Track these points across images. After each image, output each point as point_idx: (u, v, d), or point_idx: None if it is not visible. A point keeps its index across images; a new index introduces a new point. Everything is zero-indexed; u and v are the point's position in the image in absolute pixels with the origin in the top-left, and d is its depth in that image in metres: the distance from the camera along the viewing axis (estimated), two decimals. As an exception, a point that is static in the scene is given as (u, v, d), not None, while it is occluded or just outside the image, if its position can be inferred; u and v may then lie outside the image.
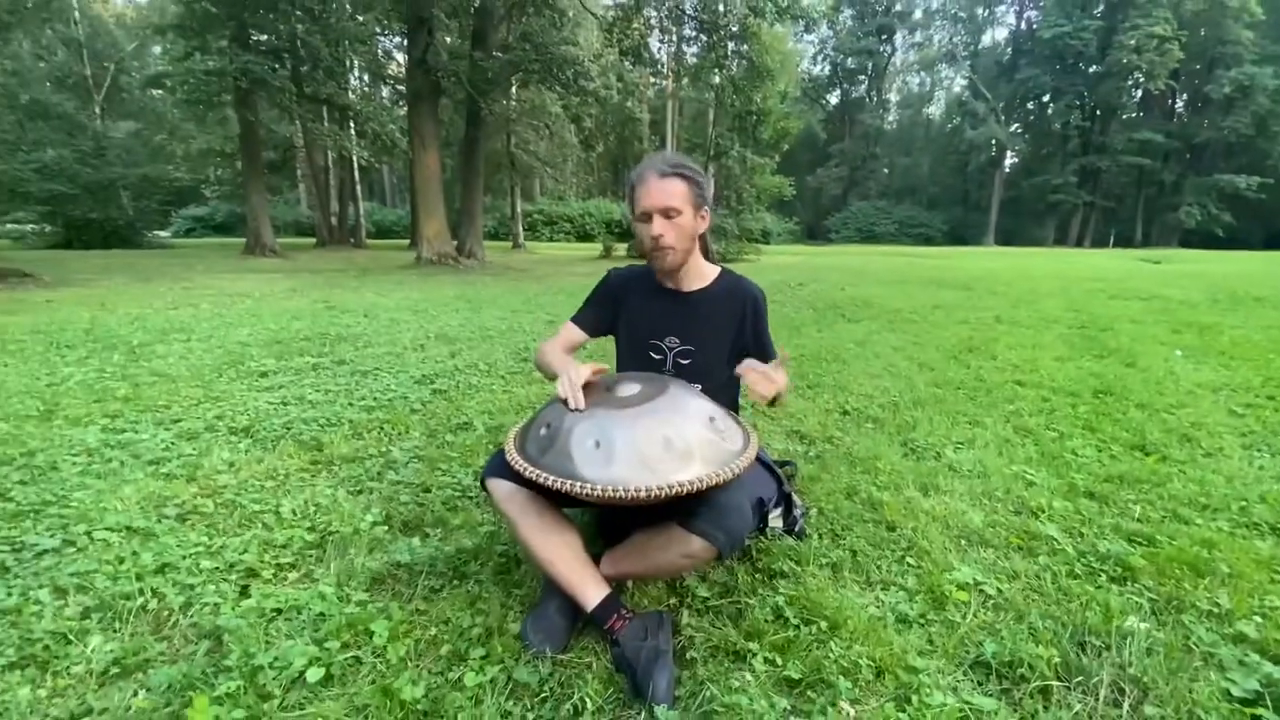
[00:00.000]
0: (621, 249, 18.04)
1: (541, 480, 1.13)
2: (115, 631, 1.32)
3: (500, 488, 1.29)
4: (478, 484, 1.49)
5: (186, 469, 2.18)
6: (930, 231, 43.64)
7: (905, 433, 2.59)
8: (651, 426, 1.16)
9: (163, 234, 28.81)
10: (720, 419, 1.26)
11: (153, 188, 25.10)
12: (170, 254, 17.69)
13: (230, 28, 14.81)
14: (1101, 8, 38.30)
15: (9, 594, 1.40)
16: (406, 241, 23.47)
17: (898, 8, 48.58)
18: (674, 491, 1.08)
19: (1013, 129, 44.02)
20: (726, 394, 1.62)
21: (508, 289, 9.35)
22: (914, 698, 1.08)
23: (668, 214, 1.45)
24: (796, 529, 1.65)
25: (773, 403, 1.34)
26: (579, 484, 1.09)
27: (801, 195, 44.73)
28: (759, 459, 1.70)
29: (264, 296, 8.14)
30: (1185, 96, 41.17)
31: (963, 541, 1.69)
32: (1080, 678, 1.15)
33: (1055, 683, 1.14)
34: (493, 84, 13.65)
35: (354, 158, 22.60)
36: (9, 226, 22.22)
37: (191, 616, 1.36)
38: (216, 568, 1.55)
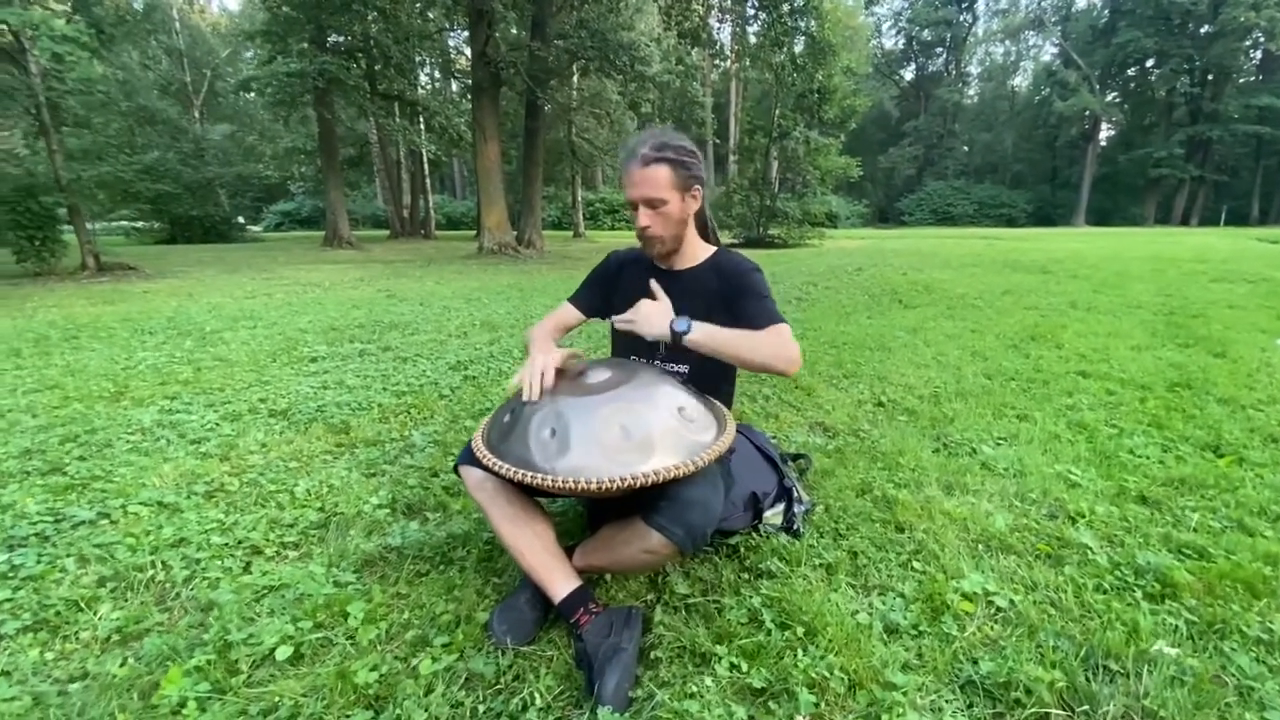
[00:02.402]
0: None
1: (496, 468, 1.11)
2: (125, 600, 1.40)
3: (471, 475, 1.27)
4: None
5: (222, 449, 2.30)
6: (1013, 212, 40.92)
7: (940, 426, 2.42)
8: (610, 415, 1.11)
9: (255, 228, 30.96)
10: (692, 408, 1.20)
11: (245, 186, 27.05)
12: (259, 247, 18.93)
13: (309, 30, 15.59)
14: (1216, -40, 34.52)
15: (39, 561, 1.52)
16: (473, 232, 24.16)
17: (981, -27, 45.50)
18: (627, 484, 1.03)
19: (1109, 98, 40.42)
20: (724, 380, 1.54)
21: (561, 277, 9.45)
22: (884, 717, 1.00)
23: (652, 204, 1.39)
24: (794, 527, 1.56)
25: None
26: (531, 473, 1.06)
27: (872, 176, 42.95)
28: (760, 450, 1.63)
29: (333, 286, 8.57)
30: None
31: (980, 547, 1.55)
32: (1085, 707, 1.03)
33: (1055, 711, 1.02)
34: (551, 74, 13.75)
35: (423, 152, 23.40)
36: (123, 224, 24.50)
37: (192, 589, 1.43)
38: (226, 543, 1.62)
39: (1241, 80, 36.62)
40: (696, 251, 1.52)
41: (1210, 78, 36.72)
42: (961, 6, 46.29)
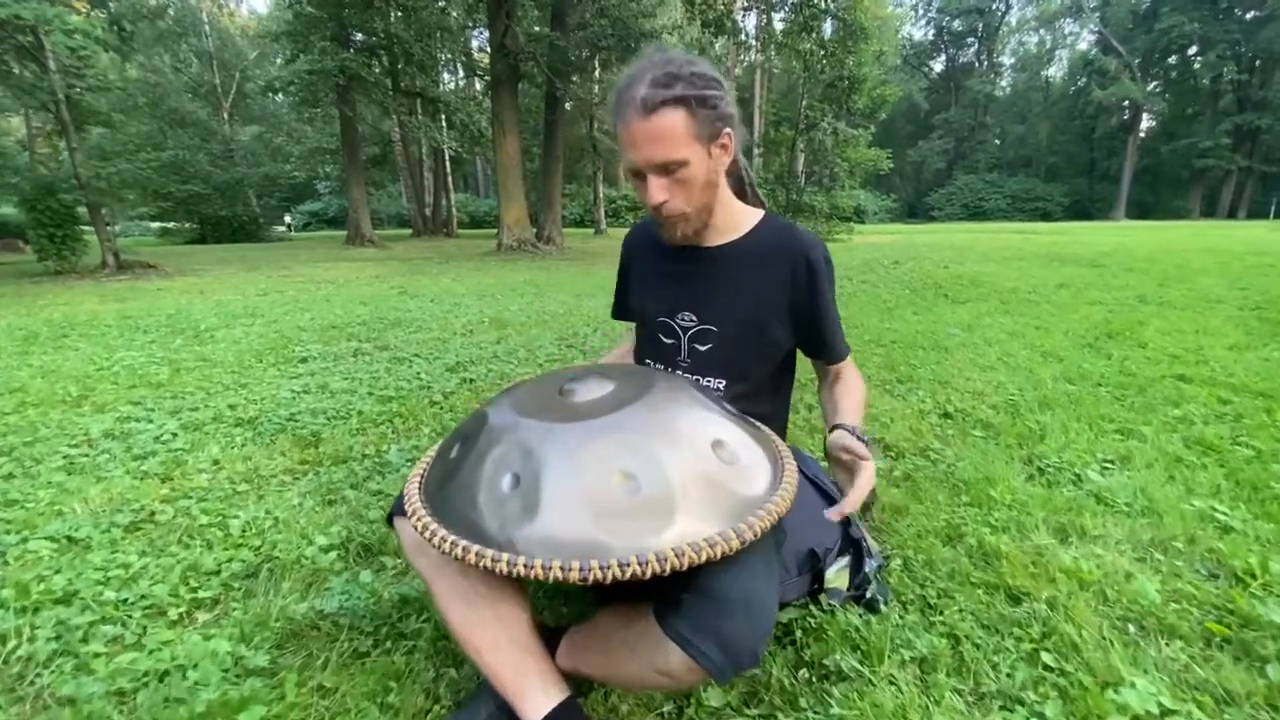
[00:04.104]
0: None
1: (429, 536, 0.71)
2: (-31, 686, 1.05)
3: (407, 533, 0.89)
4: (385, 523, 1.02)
5: (166, 466, 1.96)
6: (1048, 206, 39.53)
7: (1029, 445, 1.97)
8: (607, 453, 0.71)
9: (283, 228, 31.23)
10: (735, 442, 0.79)
11: (273, 186, 27.28)
12: (282, 246, 18.97)
13: (330, 27, 15.50)
14: (1266, -61, 32.83)
15: (-126, 626, 1.17)
16: (496, 231, 23.92)
17: (1014, -41, 44.06)
18: (631, 571, 0.63)
19: (1150, 87, 38.75)
20: (767, 401, 1.13)
21: (579, 273, 9.10)
22: None
23: (667, 169, 0.93)
24: (869, 595, 1.15)
25: (864, 511, 0.87)
26: (479, 549, 0.67)
27: (901, 171, 41.96)
28: (815, 484, 1.22)
29: (347, 282, 8.34)
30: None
31: (1130, 627, 1.12)
32: None
33: None
34: (571, 66, 13.40)
35: (445, 150, 23.25)
36: (155, 225, 24.90)
37: (52, 673, 1.07)
38: (124, 600, 1.26)
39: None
40: (736, 219, 1.10)
41: (1258, 64, 35.00)
42: (994, -5, 44.91)
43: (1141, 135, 39.87)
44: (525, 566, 0.64)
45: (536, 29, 15.73)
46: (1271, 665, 1.01)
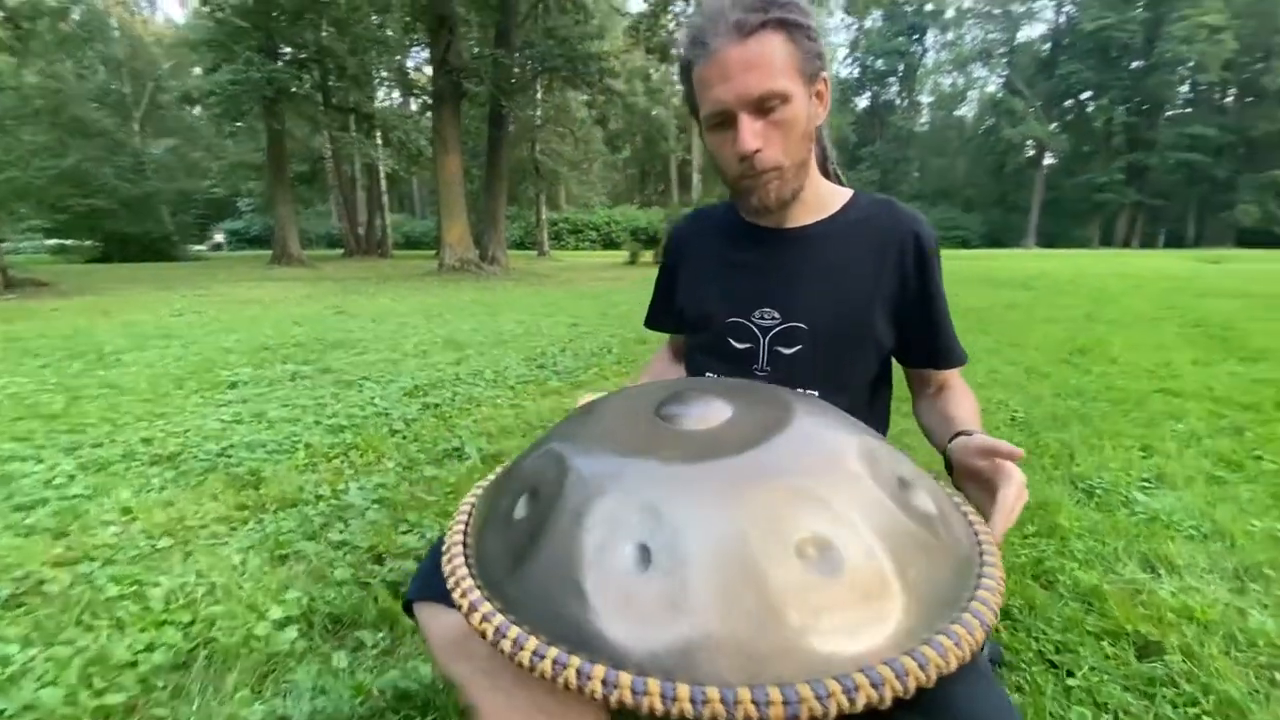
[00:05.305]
0: (648, 256, 17.30)
1: (504, 648, 0.46)
2: None
3: (437, 624, 0.62)
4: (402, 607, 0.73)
5: (60, 519, 1.57)
6: (967, 234, 42.23)
7: (1063, 465, 1.85)
8: (781, 508, 0.47)
9: (200, 247, 29.28)
10: (917, 480, 0.57)
11: (189, 203, 25.57)
12: (201, 265, 17.70)
13: (257, 38, 14.73)
14: (1148, -2, 36.79)
15: None
16: (433, 252, 23.20)
17: (929, 7, 47.43)
18: (861, 698, 0.40)
19: (1052, 127, 42.32)
20: (865, 417, 0.92)
21: (529, 293, 8.81)
22: None
23: (765, 106, 0.73)
24: (992, 654, 0.95)
25: None
26: (598, 672, 0.42)
27: (832, 200, 43.68)
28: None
29: (275, 302, 7.78)
30: (1239, 90, 39.16)
31: (1277, 675, 0.96)
32: None
33: None
34: (516, 85, 13.23)
35: (380, 167, 22.49)
36: (50, 241, 22.79)
37: None
38: (0, 712, 0.92)
39: (1174, 111, 38.82)
40: (824, 196, 0.89)
41: (1145, 108, 38.82)
42: (913, 38, 48.09)
43: (1046, 171, 43.29)
44: (695, 702, 0.39)
45: (476, 50, 15.52)
46: None
